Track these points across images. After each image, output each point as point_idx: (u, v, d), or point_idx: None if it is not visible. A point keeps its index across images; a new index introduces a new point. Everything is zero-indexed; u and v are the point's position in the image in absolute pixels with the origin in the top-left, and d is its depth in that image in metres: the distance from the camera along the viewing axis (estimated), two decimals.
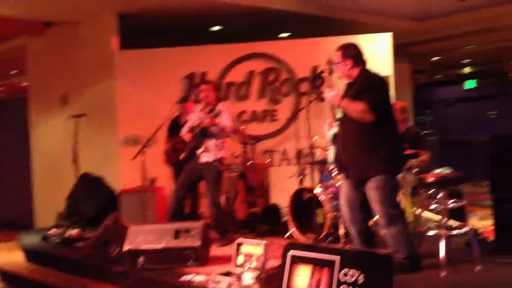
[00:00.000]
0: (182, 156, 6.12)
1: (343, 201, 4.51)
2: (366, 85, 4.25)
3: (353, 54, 4.38)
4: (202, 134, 5.91)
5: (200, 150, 5.94)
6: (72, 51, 8.79)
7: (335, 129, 4.47)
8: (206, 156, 5.94)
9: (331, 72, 4.41)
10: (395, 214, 4.21)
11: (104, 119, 8.28)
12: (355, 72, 4.38)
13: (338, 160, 4.48)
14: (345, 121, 4.34)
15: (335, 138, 4.46)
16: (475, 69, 16.39)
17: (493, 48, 12.88)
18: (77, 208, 7.28)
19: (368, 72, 4.40)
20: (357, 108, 4.15)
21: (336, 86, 4.37)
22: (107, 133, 8.26)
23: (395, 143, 4.33)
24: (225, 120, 5.90)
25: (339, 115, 4.45)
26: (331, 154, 4.57)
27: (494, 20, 9.74)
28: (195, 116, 6.13)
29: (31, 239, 7.03)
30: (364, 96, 4.15)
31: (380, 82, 4.34)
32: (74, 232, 6.63)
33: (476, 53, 13.67)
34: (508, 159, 4.85)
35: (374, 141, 4.21)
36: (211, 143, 5.93)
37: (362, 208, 4.39)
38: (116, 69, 8.15)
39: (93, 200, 7.57)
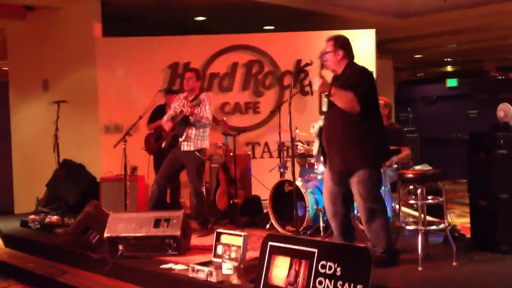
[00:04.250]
0: (164, 144, 6.10)
1: (325, 195, 4.54)
2: (354, 78, 4.27)
3: (344, 45, 4.40)
4: (183, 123, 5.89)
5: (181, 139, 5.92)
6: (53, 36, 8.69)
7: (320, 122, 4.49)
8: (187, 145, 5.91)
9: (322, 63, 4.41)
10: (376, 209, 4.26)
11: (85, 106, 8.21)
12: (343, 64, 4.39)
13: (322, 153, 4.52)
14: (331, 114, 4.36)
15: (321, 131, 4.48)
16: (457, 68, 16.57)
17: (474, 48, 13.04)
18: (57, 195, 7.23)
19: (356, 65, 4.43)
20: (346, 96, 4.17)
21: (324, 77, 4.37)
22: (88, 120, 8.20)
23: (380, 137, 4.36)
24: (205, 110, 5.87)
25: (324, 108, 4.46)
26: (315, 147, 4.58)
27: (475, 20, 9.85)
28: (177, 104, 6.09)
29: (10, 224, 6.96)
30: (351, 88, 4.18)
31: (367, 75, 4.38)
32: (53, 218, 6.60)
33: (457, 52, 13.82)
34: (485, 157, 4.92)
35: (359, 134, 4.24)
36: (192, 132, 5.90)
37: (344, 202, 4.44)
38: (97, 56, 8.08)
39: (73, 187, 7.54)
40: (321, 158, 4.57)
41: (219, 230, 4.55)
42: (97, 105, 8.06)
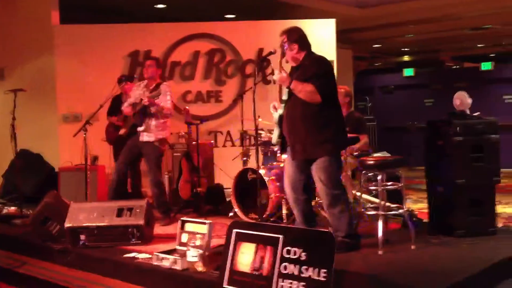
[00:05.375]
0: (122, 131, 6.04)
1: (286, 182, 4.60)
2: (313, 68, 4.33)
3: (297, 38, 4.45)
4: (143, 112, 5.84)
5: (141, 128, 5.87)
6: (9, 24, 8.46)
7: (280, 111, 4.55)
8: (147, 135, 5.85)
9: (282, 54, 4.46)
10: (337, 194, 4.35)
11: (43, 95, 8.05)
12: (301, 55, 4.45)
13: (281, 141, 4.58)
14: (291, 103, 4.42)
15: (280, 120, 4.54)
16: (413, 57, 16.89)
17: (430, 38, 13.31)
18: (14, 185, 7.08)
19: (314, 55, 4.49)
20: (305, 89, 4.24)
21: (284, 68, 4.43)
22: (46, 109, 8.05)
23: (339, 125, 4.46)
24: (165, 101, 5.82)
25: (284, 97, 4.51)
26: (274, 135, 4.65)
27: (432, 11, 10.05)
28: (138, 92, 6.01)
29: None
30: (311, 79, 4.24)
31: (326, 65, 4.44)
32: (11, 209, 6.46)
33: (414, 42, 14.08)
34: (442, 144, 5.05)
35: (319, 122, 4.31)
36: (152, 123, 5.84)
37: (305, 189, 4.52)
38: (55, 44, 7.93)
39: (31, 177, 7.38)
40: (280, 146, 4.64)
41: (183, 218, 4.54)
42: (55, 94, 7.91)
